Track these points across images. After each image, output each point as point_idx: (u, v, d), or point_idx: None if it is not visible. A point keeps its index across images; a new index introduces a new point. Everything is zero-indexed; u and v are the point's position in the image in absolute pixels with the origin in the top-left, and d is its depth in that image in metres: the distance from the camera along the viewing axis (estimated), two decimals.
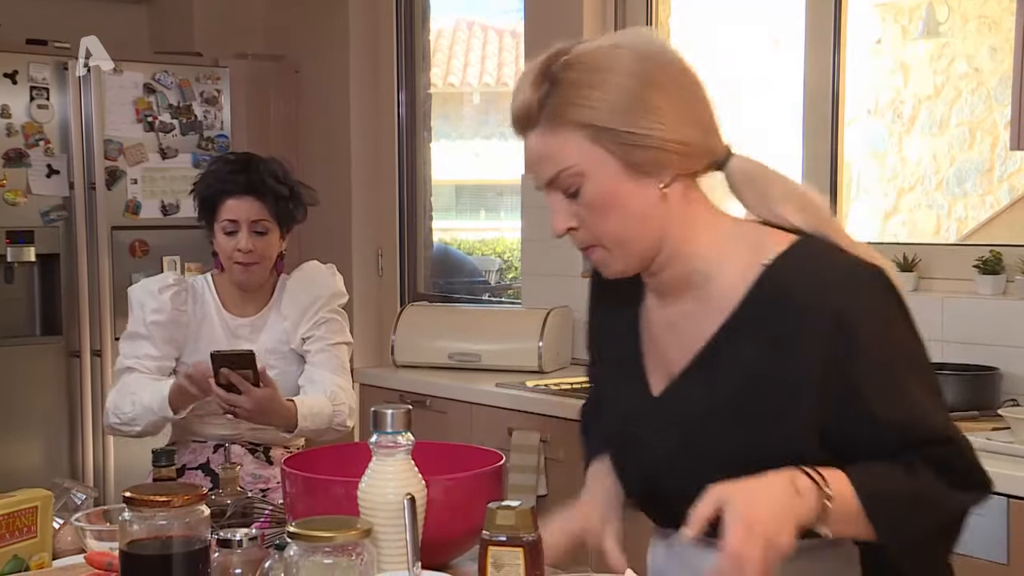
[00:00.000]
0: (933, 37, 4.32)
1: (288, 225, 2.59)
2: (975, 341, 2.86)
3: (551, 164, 1.36)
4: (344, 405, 2.51)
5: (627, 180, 1.35)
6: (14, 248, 3.93)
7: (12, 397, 3.95)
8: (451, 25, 5.47)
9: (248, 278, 2.56)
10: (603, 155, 1.34)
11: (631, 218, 1.36)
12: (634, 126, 1.33)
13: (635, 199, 1.36)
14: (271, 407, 2.38)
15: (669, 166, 1.35)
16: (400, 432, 1.44)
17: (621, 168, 1.34)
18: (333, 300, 2.61)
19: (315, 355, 2.57)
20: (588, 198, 1.36)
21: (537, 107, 1.36)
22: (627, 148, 1.33)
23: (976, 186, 4.32)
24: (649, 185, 1.35)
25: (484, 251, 4.96)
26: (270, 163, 2.57)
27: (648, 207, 1.36)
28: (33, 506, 1.64)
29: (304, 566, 1.30)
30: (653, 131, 1.33)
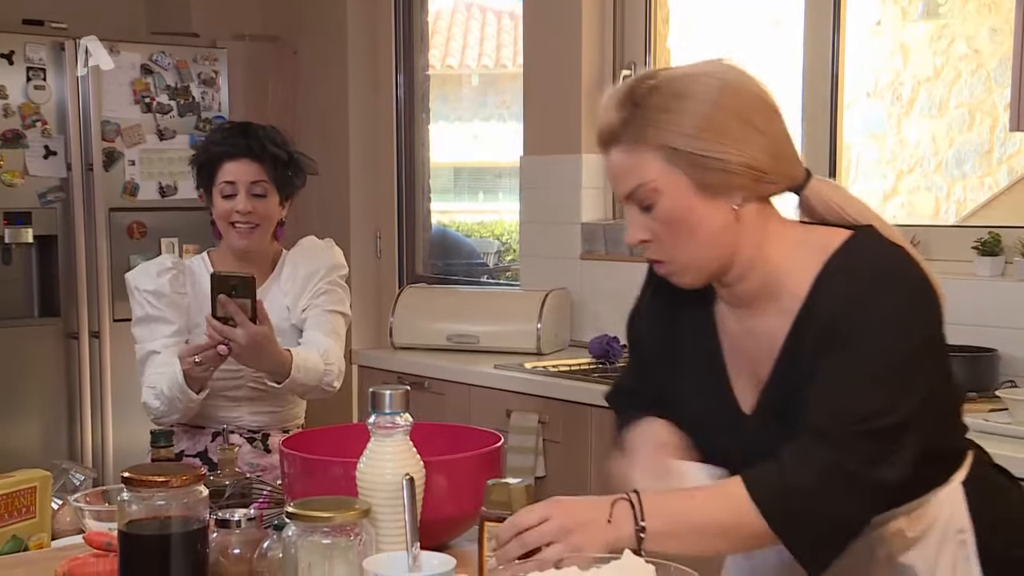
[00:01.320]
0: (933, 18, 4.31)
1: (287, 192, 2.56)
2: (974, 322, 2.86)
3: (630, 179, 1.46)
4: (334, 366, 2.48)
5: (698, 199, 1.44)
6: (11, 229, 3.92)
7: (11, 379, 3.95)
8: (450, 6, 5.45)
9: (247, 243, 2.52)
10: (678, 174, 1.43)
11: (700, 235, 1.45)
12: (707, 151, 1.42)
13: (705, 218, 1.45)
14: (265, 348, 2.33)
15: (740, 189, 1.44)
16: (398, 413, 1.44)
17: (694, 188, 1.44)
18: (332, 272, 2.59)
19: (310, 320, 2.54)
20: (661, 213, 1.45)
21: (620, 126, 1.45)
22: (700, 170, 1.43)
23: (975, 168, 4.31)
24: (720, 205, 1.45)
25: (482, 233, 4.96)
26: (268, 129, 2.56)
27: (717, 226, 1.45)
28: (32, 487, 1.65)
29: (302, 546, 1.31)
30: (726, 156, 1.42)
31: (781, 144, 1.47)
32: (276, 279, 2.59)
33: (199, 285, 2.55)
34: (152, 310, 2.52)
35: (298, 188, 2.60)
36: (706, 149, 1.42)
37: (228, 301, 2.27)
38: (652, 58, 3.79)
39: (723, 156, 1.42)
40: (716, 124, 1.42)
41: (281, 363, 2.39)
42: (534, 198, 3.99)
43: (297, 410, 2.64)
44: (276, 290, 2.57)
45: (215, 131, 2.64)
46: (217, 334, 2.30)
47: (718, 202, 1.44)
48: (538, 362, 3.53)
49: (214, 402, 2.53)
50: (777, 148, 1.46)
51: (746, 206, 1.45)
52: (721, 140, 1.42)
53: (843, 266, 1.44)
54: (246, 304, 2.29)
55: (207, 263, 2.59)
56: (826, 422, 1.39)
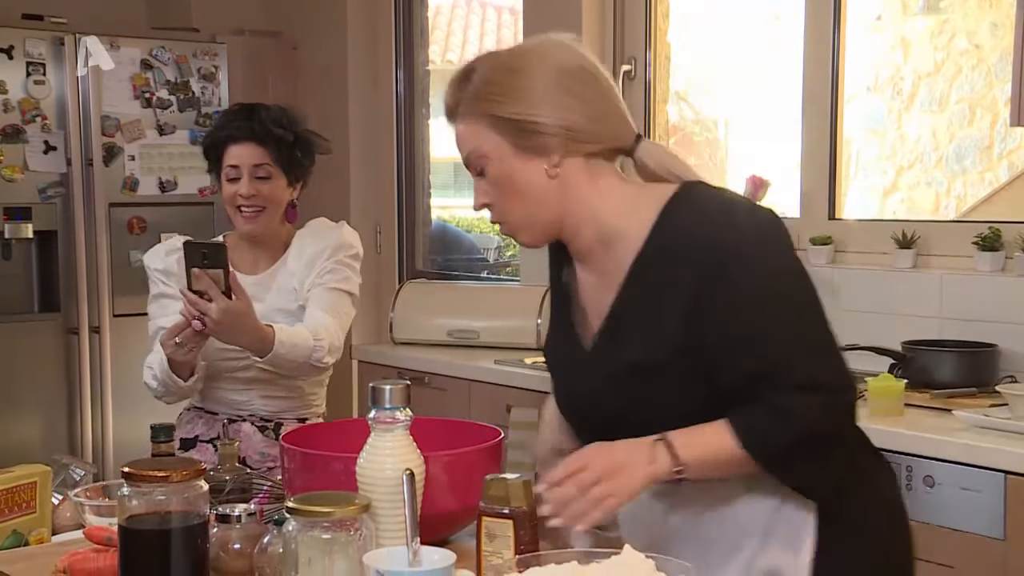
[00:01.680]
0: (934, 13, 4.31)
1: (295, 173, 2.52)
2: (974, 318, 2.86)
3: (465, 147, 1.62)
4: (324, 341, 2.42)
5: (519, 160, 1.58)
6: (12, 224, 3.92)
7: (11, 374, 3.95)
8: (450, 2, 5.44)
9: (253, 226, 2.50)
10: (500, 140, 1.58)
11: (525, 194, 1.59)
12: (523, 115, 1.56)
13: (528, 177, 1.58)
14: (241, 322, 2.28)
15: (556, 149, 1.57)
16: (398, 408, 1.44)
17: (513, 150, 1.58)
18: (339, 251, 2.54)
19: (311, 297, 2.49)
20: (492, 177, 1.60)
21: (455, 102, 1.62)
22: (518, 134, 1.57)
23: (975, 163, 4.31)
24: (539, 165, 1.58)
25: (482, 228, 4.96)
26: (274, 110, 2.52)
27: (539, 185, 1.59)
28: (32, 482, 1.65)
29: (303, 541, 1.31)
30: (540, 119, 1.56)
31: (601, 108, 1.59)
32: (284, 261, 2.56)
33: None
34: (163, 287, 2.52)
35: (307, 169, 2.56)
36: (522, 113, 1.56)
37: (202, 275, 2.23)
38: (652, 53, 3.79)
39: (538, 119, 1.55)
40: (533, 91, 1.56)
41: (261, 338, 2.33)
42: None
43: (314, 399, 2.60)
44: (284, 271, 2.54)
45: (223, 114, 2.62)
46: (191, 307, 2.26)
47: (536, 161, 1.58)
48: (538, 357, 3.53)
49: (223, 384, 2.51)
50: (596, 111, 1.58)
51: (566, 165, 1.58)
52: (537, 105, 1.56)
53: (684, 202, 1.57)
54: (219, 274, 2.24)
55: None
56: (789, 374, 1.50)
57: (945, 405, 2.60)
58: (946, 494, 2.37)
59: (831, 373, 1.54)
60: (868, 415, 2.58)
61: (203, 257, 2.24)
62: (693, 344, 1.52)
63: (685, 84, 4.19)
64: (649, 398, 1.56)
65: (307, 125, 2.59)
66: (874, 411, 2.59)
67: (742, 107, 4.20)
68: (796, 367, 1.51)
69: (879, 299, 3.06)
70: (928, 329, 2.92)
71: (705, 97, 4.37)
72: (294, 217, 2.58)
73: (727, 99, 4.31)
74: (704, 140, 4.62)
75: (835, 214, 3.31)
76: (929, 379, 2.73)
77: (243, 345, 2.37)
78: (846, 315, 3.13)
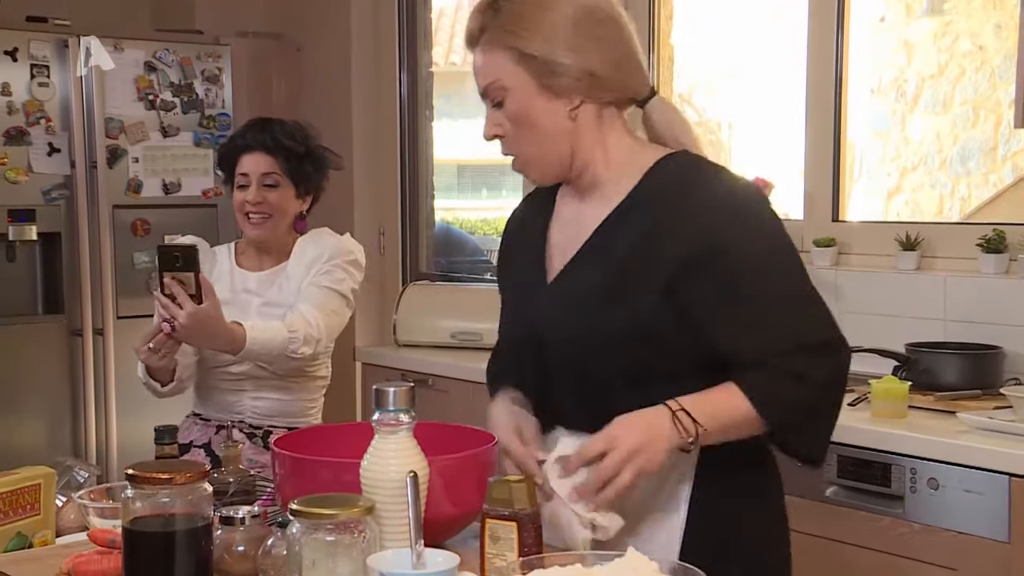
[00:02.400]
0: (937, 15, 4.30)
1: (305, 185, 2.61)
2: (978, 320, 2.85)
3: (485, 77, 1.63)
4: (299, 332, 2.44)
5: (540, 98, 1.60)
6: (16, 226, 3.92)
7: (14, 376, 3.95)
8: (453, 4, 5.44)
9: (259, 232, 2.57)
10: (524, 75, 1.60)
11: (540, 131, 1.62)
12: (551, 55, 1.58)
13: (545, 116, 1.61)
14: (209, 326, 2.31)
15: (577, 92, 1.60)
16: (403, 410, 1.44)
17: (536, 88, 1.60)
18: (337, 256, 2.58)
19: (301, 293, 2.54)
20: (509, 110, 1.62)
21: (479, 29, 1.63)
22: (543, 72, 1.59)
23: (979, 165, 4.30)
24: (559, 106, 1.61)
25: (486, 230, 4.95)
26: (289, 124, 2.62)
27: (555, 124, 1.61)
28: (36, 484, 1.65)
29: (306, 543, 1.31)
30: (566, 60, 1.58)
31: (623, 57, 1.62)
32: (286, 265, 2.60)
33: (218, 268, 2.61)
34: None
35: (318, 181, 2.65)
36: (550, 53, 1.58)
37: (171, 282, 2.28)
38: (655, 55, 3.79)
39: (564, 60, 1.58)
40: (561, 32, 1.58)
41: (231, 339, 2.38)
42: None
43: (309, 407, 2.63)
44: (284, 274, 2.59)
45: (241, 127, 2.71)
46: (163, 311, 2.30)
47: (557, 102, 1.60)
48: None
49: (217, 383, 2.56)
50: (617, 59, 1.62)
51: (584, 108, 1.61)
52: (564, 46, 1.58)
53: (672, 161, 1.63)
54: (190, 277, 2.29)
55: (231, 248, 2.64)
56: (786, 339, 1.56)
57: (949, 407, 2.59)
58: (950, 497, 2.37)
59: (829, 332, 1.60)
60: (872, 417, 2.58)
61: (176, 260, 2.30)
62: (669, 308, 1.56)
63: (689, 86, 4.19)
64: (608, 322, 1.59)
65: (320, 141, 2.67)
66: (878, 413, 2.58)
67: (746, 109, 4.20)
68: (799, 332, 1.56)
69: (883, 301, 3.05)
70: (932, 331, 2.92)
71: (709, 99, 4.37)
72: (302, 227, 2.65)
73: (731, 101, 4.31)
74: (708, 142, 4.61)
75: (839, 216, 3.30)
76: (933, 381, 2.73)
77: (214, 347, 2.44)
78: (850, 317, 3.12)
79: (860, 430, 2.51)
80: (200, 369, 2.56)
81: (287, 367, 2.50)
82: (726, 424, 1.56)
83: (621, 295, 1.59)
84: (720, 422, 1.55)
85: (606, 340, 1.59)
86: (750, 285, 1.56)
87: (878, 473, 2.47)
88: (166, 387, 2.46)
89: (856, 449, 2.51)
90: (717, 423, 1.55)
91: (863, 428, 2.51)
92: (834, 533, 2.54)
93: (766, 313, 1.56)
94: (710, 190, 1.60)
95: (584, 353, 1.61)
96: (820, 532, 2.55)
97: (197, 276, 2.29)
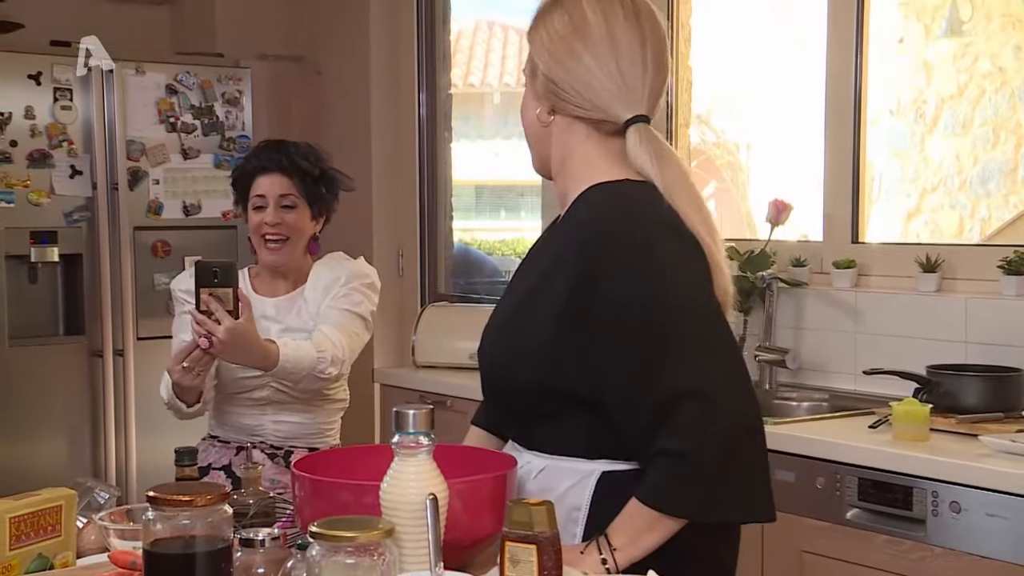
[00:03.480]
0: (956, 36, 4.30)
1: (319, 207, 2.61)
2: (999, 342, 2.84)
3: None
4: (327, 353, 2.46)
5: (530, 93, 1.70)
6: (38, 248, 3.95)
7: (36, 396, 3.97)
8: (471, 25, 5.47)
9: (276, 257, 2.57)
10: (530, 67, 1.69)
11: (525, 126, 1.72)
12: (536, 56, 1.66)
13: (528, 113, 1.71)
14: (245, 342, 2.32)
15: (548, 99, 1.66)
16: (422, 432, 1.44)
17: (529, 81, 1.70)
18: (353, 279, 2.60)
19: (321, 316, 2.55)
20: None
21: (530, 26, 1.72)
22: (531, 69, 1.68)
23: (1000, 186, 4.29)
24: (535, 105, 1.68)
25: (504, 251, 4.96)
26: (302, 146, 2.63)
27: (533, 124, 1.70)
28: (57, 505, 1.65)
29: (326, 566, 1.30)
30: (541, 65, 1.65)
31: (596, 79, 1.62)
32: (302, 290, 2.61)
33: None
34: (189, 306, 2.55)
35: (331, 203, 2.65)
36: (536, 54, 1.66)
37: (209, 299, 2.29)
38: (674, 77, 3.80)
39: (539, 64, 1.65)
40: (548, 37, 1.64)
41: (266, 355, 2.38)
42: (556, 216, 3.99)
43: (328, 429, 2.64)
44: (301, 299, 2.60)
45: (252, 148, 2.73)
46: (199, 327, 2.30)
47: (536, 104, 1.68)
48: None
49: (236, 408, 2.56)
50: (588, 79, 1.62)
51: (557, 117, 1.66)
52: (544, 51, 1.65)
53: (593, 193, 1.63)
54: (228, 293, 2.29)
55: (247, 274, 2.65)
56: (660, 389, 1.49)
57: (971, 430, 2.58)
58: (972, 520, 2.35)
59: (686, 383, 1.48)
60: (893, 440, 2.56)
61: (214, 275, 2.30)
62: (560, 340, 1.56)
63: (707, 108, 4.19)
64: (509, 343, 1.66)
65: (332, 163, 2.67)
66: (899, 436, 2.57)
67: (764, 130, 4.20)
68: (671, 385, 1.48)
69: (903, 323, 3.04)
70: (953, 354, 2.90)
71: (727, 120, 4.37)
72: (316, 250, 2.65)
73: (749, 122, 4.31)
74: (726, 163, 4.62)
75: (858, 237, 3.30)
76: (954, 404, 2.71)
77: (249, 364, 2.43)
78: (869, 339, 3.11)
79: (881, 452, 2.50)
80: (219, 394, 2.56)
81: (311, 388, 2.50)
82: (646, 539, 1.52)
83: (524, 313, 1.64)
84: (642, 545, 1.52)
85: (507, 360, 1.67)
86: (613, 331, 1.52)
87: (899, 496, 2.45)
88: (192, 407, 2.45)
89: (877, 472, 2.49)
90: (638, 547, 1.52)
91: (884, 451, 2.50)
92: (855, 556, 2.52)
93: (624, 363, 1.51)
94: (594, 227, 1.59)
95: (491, 369, 1.72)
96: (840, 555, 2.54)
97: (235, 292, 2.30)
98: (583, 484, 1.61)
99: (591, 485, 1.61)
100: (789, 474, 2.62)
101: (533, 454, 1.68)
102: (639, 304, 1.51)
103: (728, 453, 1.48)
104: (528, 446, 1.69)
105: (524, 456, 1.69)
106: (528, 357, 1.61)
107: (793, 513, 2.56)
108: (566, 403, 1.60)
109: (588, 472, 1.61)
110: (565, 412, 1.61)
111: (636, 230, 1.56)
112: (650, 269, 1.53)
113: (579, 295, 1.54)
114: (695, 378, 1.48)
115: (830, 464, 2.58)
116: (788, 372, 3.24)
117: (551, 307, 1.58)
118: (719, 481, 1.49)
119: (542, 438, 1.66)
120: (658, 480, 1.51)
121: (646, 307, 1.51)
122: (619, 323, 1.52)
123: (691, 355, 1.49)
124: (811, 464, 2.60)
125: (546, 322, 1.58)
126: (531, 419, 1.67)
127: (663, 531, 1.52)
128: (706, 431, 1.47)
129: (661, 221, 1.57)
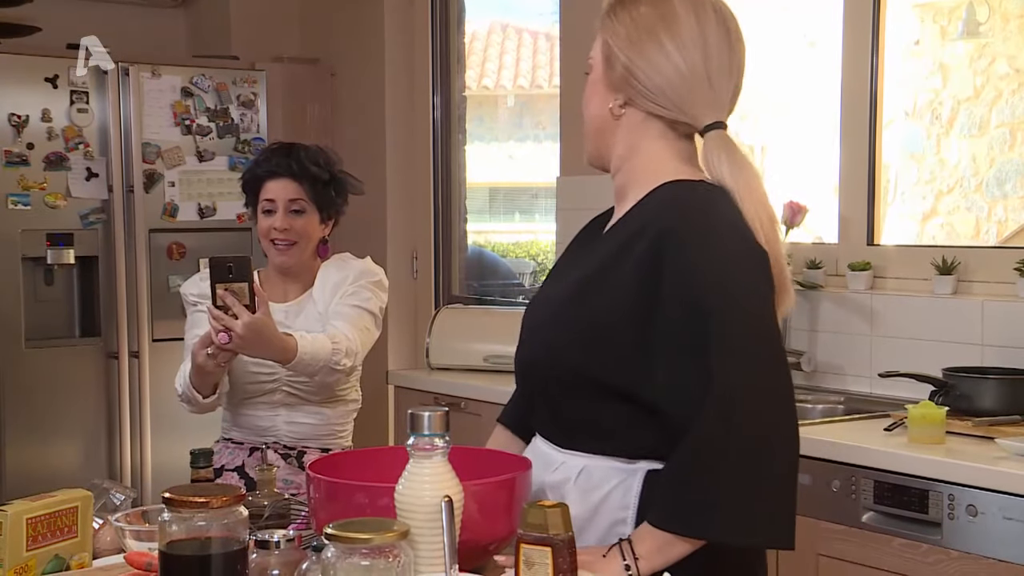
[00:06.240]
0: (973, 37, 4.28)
1: (328, 210, 2.61)
2: (1016, 344, 2.82)
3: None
4: (341, 344, 2.46)
5: (601, 84, 1.65)
6: (54, 250, 3.97)
7: (52, 398, 3.99)
8: (485, 28, 5.47)
9: (285, 259, 2.58)
10: (600, 59, 1.65)
11: (588, 117, 1.69)
12: (616, 47, 1.61)
13: (595, 104, 1.66)
14: (264, 335, 2.32)
15: (623, 92, 1.62)
16: (437, 435, 1.44)
17: (602, 71, 1.65)
18: (361, 277, 2.60)
19: (331, 313, 2.55)
20: (587, 82, 1.68)
21: (601, 16, 1.68)
22: (609, 62, 1.63)
23: (1016, 188, 4.26)
24: (608, 98, 1.64)
25: (518, 253, 4.96)
26: (312, 150, 2.62)
27: (601, 116, 1.66)
28: (73, 506, 1.66)
29: (341, 568, 1.30)
30: (622, 57, 1.61)
31: (679, 76, 1.59)
32: (311, 292, 2.62)
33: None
34: (200, 306, 2.57)
35: (340, 207, 2.65)
36: (617, 45, 1.61)
37: (225, 294, 2.29)
38: None
39: (620, 56, 1.61)
40: (635, 28, 1.60)
41: (284, 348, 2.38)
42: (570, 218, 3.99)
43: (341, 431, 2.64)
44: (310, 301, 2.60)
45: (262, 152, 2.71)
46: (216, 323, 2.30)
47: (609, 95, 1.64)
48: None
49: (249, 409, 2.56)
50: (671, 76, 1.59)
51: (629, 111, 1.62)
52: (627, 42, 1.60)
53: (675, 189, 1.60)
54: (243, 288, 2.30)
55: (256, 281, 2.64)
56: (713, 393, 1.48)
57: (987, 433, 2.57)
58: (989, 523, 2.34)
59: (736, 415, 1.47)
60: (909, 442, 2.55)
61: (229, 271, 2.30)
62: (620, 333, 1.54)
63: None
64: (560, 320, 1.62)
65: (342, 166, 2.67)
66: (915, 439, 2.56)
67: (779, 132, 4.18)
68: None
69: (919, 325, 3.03)
70: (969, 356, 2.89)
71: (742, 123, 4.36)
72: (325, 253, 2.65)
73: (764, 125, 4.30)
74: None
75: (874, 239, 3.29)
76: (971, 407, 2.70)
77: (268, 357, 2.43)
78: (885, 341, 3.10)
79: (897, 455, 2.49)
80: (233, 396, 2.57)
81: (327, 380, 2.51)
82: (669, 554, 1.50)
83: (584, 299, 1.60)
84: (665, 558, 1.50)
85: (561, 345, 1.62)
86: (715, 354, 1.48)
87: (915, 499, 2.44)
88: (208, 399, 2.45)
89: (893, 475, 2.48)
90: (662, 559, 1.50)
91: (900, 453, 2.49)
92: (870, 559, 2.51)
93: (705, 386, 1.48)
94: (667, 224, 1.56)
95: (540, 355, 1.67)
96: (856, 558, 2.53)
97: (251, 286, 2.30)
98: (628, 483, 1.60)
99: (638, 484, 1.59)
100: (805, 477, 2.61)
101: (569, 454, 1.65)
102: (704, 308, 1.49)
103: (753, 474, 1.47)
104: (564, 445, 1.66)
105: (558, 457, 1.66)
106: (586, 346, 1.58)
107: (809, 516, 2.56)
108: (612, 398, 1.57)
109: (632, 471, 1.60)
110: (608, 409, 1.58)
111: (713, 234, 1.54)
112: (720, 275, 1.51)
113: (647, 288, 1.53)
114: (735, 391, 1.47)
115: (846, 467, 2.57)
116: (804, 374, 3.23)
117: (613, 298, 1.56)
118: (741, 503, 1.47)
119: (581, 436, 1.63)
120: (674, 502, 1.49)
121: (710, 312, 1.49)
122: (683, 323, 1.50)
123: (740, 369, 1.48)
124: (827, 467, 2.59)
125: (609, 311, 1.56)
126: (571, 415, 1.63)
127: (688, 545, 1.50)
128: (729, 447, 1.46)
129: (735, 228, 1.56)
